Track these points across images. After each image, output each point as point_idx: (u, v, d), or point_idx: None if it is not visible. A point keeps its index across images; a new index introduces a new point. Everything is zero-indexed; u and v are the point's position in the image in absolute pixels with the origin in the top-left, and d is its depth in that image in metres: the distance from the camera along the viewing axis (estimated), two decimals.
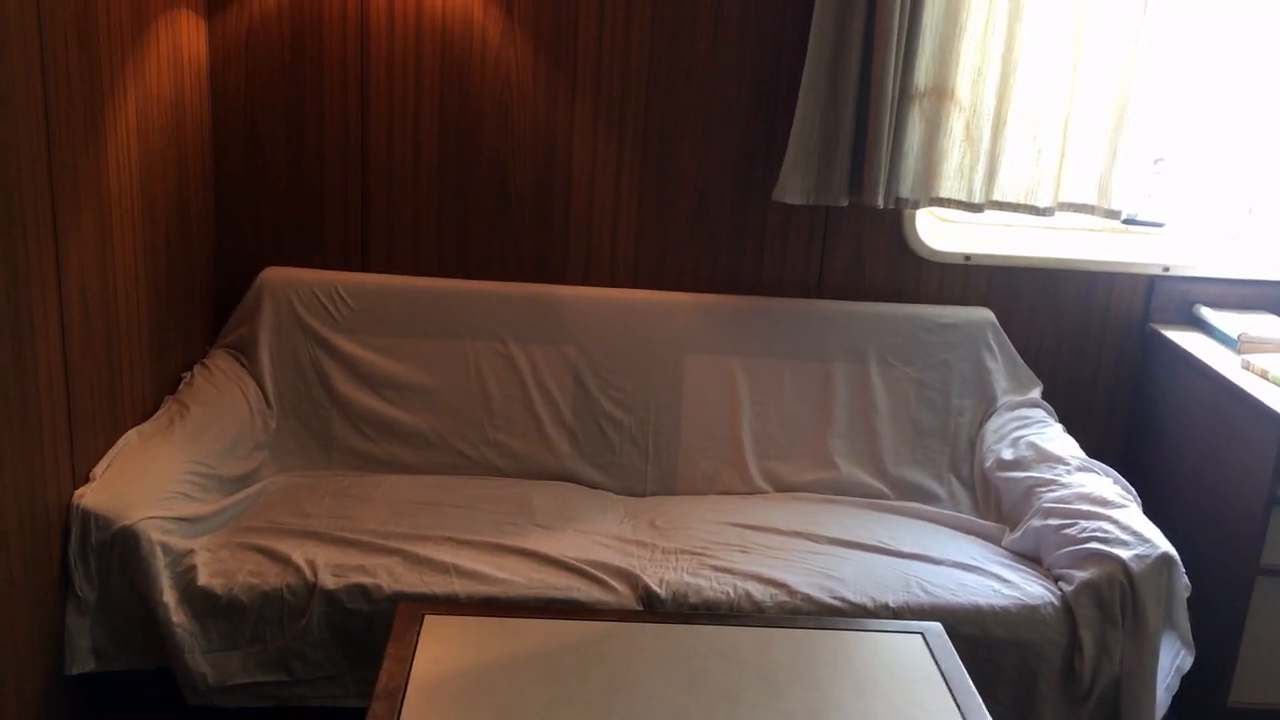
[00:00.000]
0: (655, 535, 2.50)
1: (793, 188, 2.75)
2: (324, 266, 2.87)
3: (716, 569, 2.33)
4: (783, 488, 2.82)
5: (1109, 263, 2.99)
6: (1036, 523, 2.46)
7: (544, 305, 2.85)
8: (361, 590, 2.19)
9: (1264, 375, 2.63)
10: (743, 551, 2.42)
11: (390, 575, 2.22)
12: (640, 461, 2.81)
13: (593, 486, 2.78)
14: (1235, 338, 2.79)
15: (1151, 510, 2.48)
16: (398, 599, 2.13)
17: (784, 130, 2.72)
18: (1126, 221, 3.04)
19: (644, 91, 2.84)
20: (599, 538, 2.45)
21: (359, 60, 2.78)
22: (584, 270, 2.94)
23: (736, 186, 2.90)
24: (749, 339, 2.87)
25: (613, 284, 2.93)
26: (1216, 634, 2.54)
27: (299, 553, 2.26)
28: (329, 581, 2.20)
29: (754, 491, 2.81)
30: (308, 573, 2.21)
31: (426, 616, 1.95)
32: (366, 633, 2.17)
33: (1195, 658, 2.34)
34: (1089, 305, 3.01)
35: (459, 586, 2.21)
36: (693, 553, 2.40)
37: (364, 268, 2.90)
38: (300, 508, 2.48)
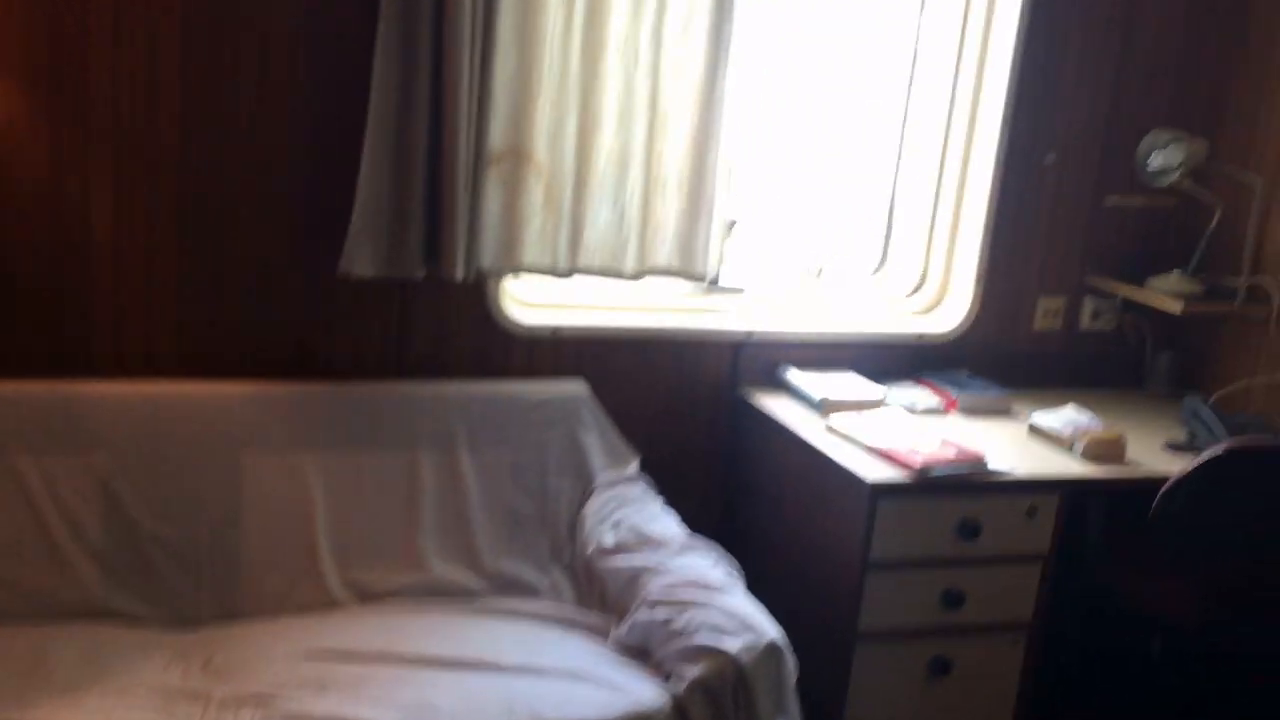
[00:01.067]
0: (211, 681, 2.08)
1: (361, 259, 2.45)
2: None
3: (288, 718, 1.96)
4: (369, 597, 2.49)
5: (694, 330, 2.93)
6: (643, 616, 2.29)
7: (62, 407, 2.34)
8: None
9: (848, 438, 2.64)
10: (320, 689, 2.06)
11: None
12: (191, 586, 2.37)
13: (134, 622, 2.31)
14: (818, 400, 2.81)
15: (753, 578, 2.40)
16: None
17: (351, 196, 2.42)
18: (710, 285, 3.01)
19: (178, 149, 2.43)
20: (137, 695, 2.01)
21: None
22: (114, 362, 2.46)
23: (300, 258, 2.55)
24: (320, 430, 2.52)
25: (151, 376, 2.47)
26: (822, 701, 2.50)
27: None
28: None
29: (336, 605, 2.45)
30: None
31: None
32: None
33: None
34: (680, 373, 2.93)
35: None
36: (258, 699, 2.02)
37: None
38: None
